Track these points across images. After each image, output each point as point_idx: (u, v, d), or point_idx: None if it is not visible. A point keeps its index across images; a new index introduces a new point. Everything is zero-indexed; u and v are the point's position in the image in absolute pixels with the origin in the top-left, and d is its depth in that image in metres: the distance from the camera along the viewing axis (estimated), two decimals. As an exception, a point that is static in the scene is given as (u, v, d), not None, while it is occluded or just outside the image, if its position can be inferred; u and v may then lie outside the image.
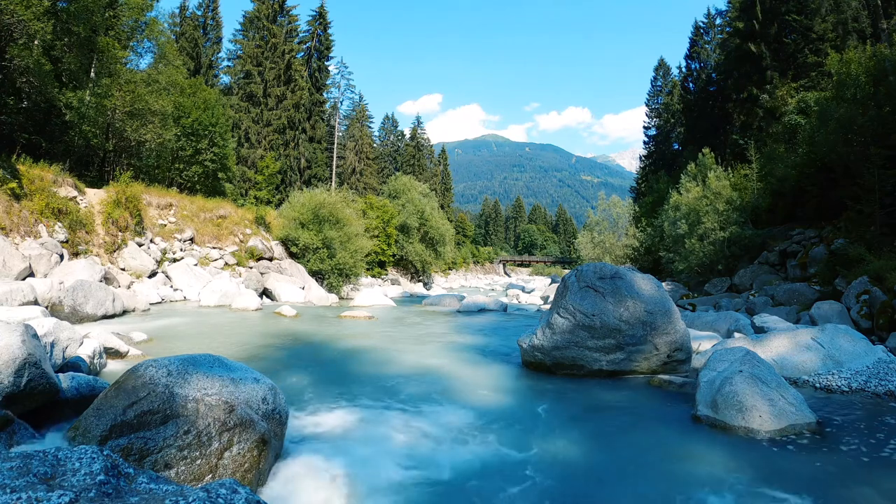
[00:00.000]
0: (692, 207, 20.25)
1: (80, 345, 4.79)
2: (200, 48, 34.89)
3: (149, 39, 18.85)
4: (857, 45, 18.11)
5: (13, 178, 11.09)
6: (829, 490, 2.79)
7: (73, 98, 14.12)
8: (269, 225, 19.94)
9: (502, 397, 4.68)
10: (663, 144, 41.57)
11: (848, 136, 12.72)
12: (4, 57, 12.02)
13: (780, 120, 21.57)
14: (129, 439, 2.51)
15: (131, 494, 1.41)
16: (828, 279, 11.04)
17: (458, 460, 3.21)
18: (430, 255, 35.71)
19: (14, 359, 2.97)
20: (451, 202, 70.78)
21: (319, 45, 40.59)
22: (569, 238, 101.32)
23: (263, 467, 2.79)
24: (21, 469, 1.38)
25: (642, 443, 3.57)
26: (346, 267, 18.98)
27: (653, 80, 45.07)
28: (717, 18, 35.84)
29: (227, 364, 3.16)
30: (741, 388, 3.78)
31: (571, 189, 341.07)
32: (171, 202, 16.47)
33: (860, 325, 8.07)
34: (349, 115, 50.03)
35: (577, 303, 5.51)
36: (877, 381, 4.71)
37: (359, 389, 4.73)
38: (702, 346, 6.34)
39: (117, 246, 13.10)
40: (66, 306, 8.13)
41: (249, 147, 32.72)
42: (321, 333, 8.45)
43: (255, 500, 1.49)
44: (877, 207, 11.59)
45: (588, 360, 5.40)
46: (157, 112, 17.15)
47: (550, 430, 3.77)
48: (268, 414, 2.97)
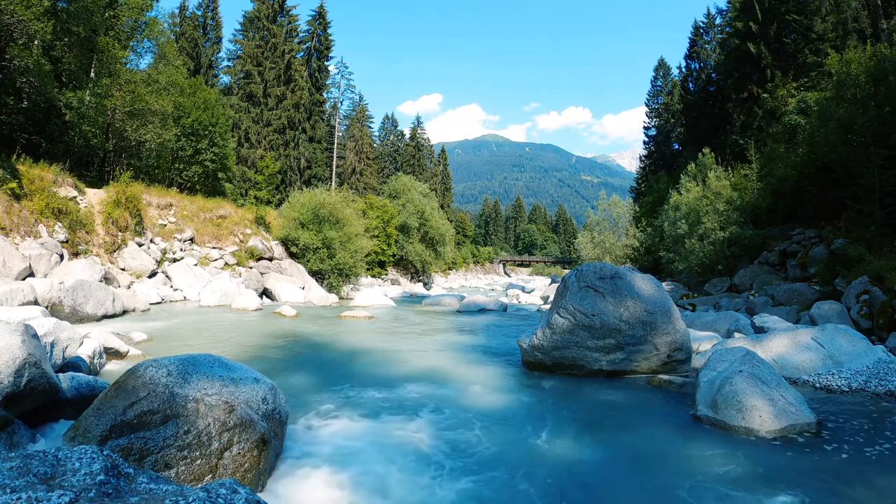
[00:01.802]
0: (692, 207, 20.25)
1: (80, 345, 4.79)
2: (200, 48, 34.88)
3: (149, 39, 18.84)
4: (857, 45, 18.10)
5: (13, 178, 11.09)
6: (829, 490, 2.79)
7: (73, 98, 14.12)
8: (269, 225, 19.94)
9: (502, 397, 4.68)
10: (663, 144, 41.56)
11: (848, 136, 12.71)
12: (4, 57, 12.02)
13: (780, 120, 21.56)
14: (129, 439, 2.51)
15: (131, 494, 1.41)
16: (828, 279, 11.03)
17: (459, 460, 3.21)
18: (430, 255, 35.72)
19: (14, 359, 2.97)
20: (451, 202, 70.79)
21: (319, 45, 40.59)
22: (569, 238, 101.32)
23: (263, 467, 2.79)
24: (21, 469, 1.38)
25: (642, 442, 3.57)
26: (346, 267, 18.97)
27: (653, 80, 45.06)
28: (716, 18, 35.84)
29: (227, 364, 3.16)
30: (741, 387, 3.78)
31: (571, 189, 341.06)
32: (171, 202, 16.47)
33: (860, 325, 8.06)
34: (349, 115, 50.04)
35: (577, 303, 5.51)
36: (877, 381, 4.71)
37: (359, 389, 4.73)
38: (702, 346, 6.34)
39: (117, 246, 13.10)
40: (66, 306, 8.13)
41: (249, 147, 32.72)
42: (321, 333, 8.45)
43: (255, 500, 1.49)
44: (877, 207, 11.59)
45: (588, 360, 5.40)
46: (157, 112, 17.14)
47: (551, 430, 3.77)
48: (268, 414, 2.97)
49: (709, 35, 36.40)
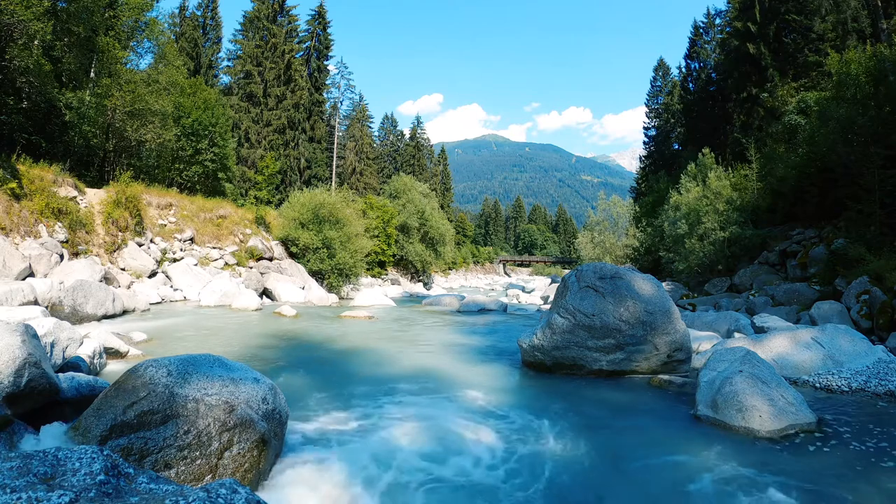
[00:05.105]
0: (692, 207, 20.26)
1: (80, 345, 4.79)
2: (200, 48, 34.88)
3: (149, 39, 18.85)
4: (857, 45, 18.10)
5: (13, 178, 11.09)
6: (829, 490, 2.79)
7: (73, 98, 14.12)
8: (269, 225, 19.95)
9: (502, 397, 4.68)
10: (663, 144, 41.53)
11: (848, 136, 12.71)
12: (4, 57, 12.01)
13: (780, 120, 21.56)
14: (129, 439, 2.51)
15: (131, 494, 1.41)
16: (828, 279, 11.03)
17: (458, 460, 3.21)
18: (430, 255, 35.70)
19: (14, 359, 2.97)
20: (451, 202, 70.78)
21: (319, 44, 40.58)
22: (569, 238, 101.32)
23: (263, 467, 2.79)
24: (21, 469, 1.38)
25: (642, 442, 3.57)
26: (346, 267, 18.97)
27: (652, 80, 45.02)
28: (716, 18, 35.81)
29: (226, 364, 3.16)
30: (741, 387, 3.78)
31: (571, 189, 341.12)
32: (171, 202, 16.47)
33: (860, 325, 8.06)
34: (349, 115, 50.01)
35: (577, 303, 5.51)
36: (877, 381, 4.71)
37: (359, 389, 4.73)
38: (702, 346, 6.35)
39: (117, 246, 13.10)
40: (66, 306, 8.13)
41: (249, 147, 32.72)
42: (321, 333, 8.45)
43: (255, 500, 1.49)
44: (877, 207, 11.59)
45: (588, 360, 5.40)
46: (157, 112, 17.15)
47: (550, 430, 3.77)
48: (268, 414, 2.97)
49: (709, 35, 36.37)
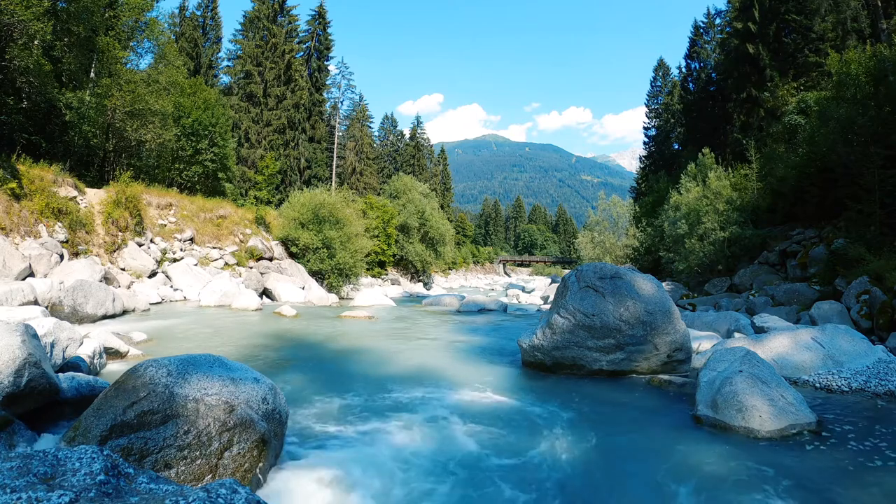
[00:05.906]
0: (692, 207, 20.26)
1: (80, 345, 4.79)
2: (200, 48, 34.88)
3: (149, 39, 18.86)
4: (857, 45, 18.10)
5: (13, 178, 11.09)
6: (829, 490, 2.79)
7: (73, 98, 14.13)
8: (269, 225, 19.95)
9: (502, 397, 4.67)
10: (663, 144, 41.53)
11: (848, 136, 12.71)
12: (4, 57, 12.02)
13: (780, 120, 21.57)
14: (129, 439, 2.51)
15: (131, 494, 1.41)
16: (828, 279, 11.03)
17: (459, 461, 3.21)
18: (430, 255, 35.71)
19: (14, 359, 2.97)
20: (451, 202, 70.80)
21: (319, 44, 40.60)
22: (569, 238, 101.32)
23: (263, 467, 2.79)
24: (21, 469, 1.38)
25: (642, 443, 3.57)
26: (346, 267, 18.98)
27: (652, 80, 45.03)
28: (716, 18, 35.82)
29: (226, 364, 3.16)
30: (741, 388, 3.78)
31: (571, 189, 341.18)
32: (171, 202, 16.48)
33: (860, 325, 8.06)
34: (349, 115, 50.02)
35: (577, 303, 5.51)
36: (877, 381, 4.71)
37: (359, 390, 4.73)
38: (702, 346, 6.34)
39: (117, 246, 13.10)
40: (66, 306, 8.13)
41: (249, 147, 32.72)
42: (321, 333, 8.45)
43: (255, 500, 1.49)
44: (877, 207, 11.58)
45: (588, 360, 5.40)
46: (157, 112, 17.16)
47: (550, 431, 3.77)
48: (268, 414, 2.97)
49: (708, 35, 36.38)
